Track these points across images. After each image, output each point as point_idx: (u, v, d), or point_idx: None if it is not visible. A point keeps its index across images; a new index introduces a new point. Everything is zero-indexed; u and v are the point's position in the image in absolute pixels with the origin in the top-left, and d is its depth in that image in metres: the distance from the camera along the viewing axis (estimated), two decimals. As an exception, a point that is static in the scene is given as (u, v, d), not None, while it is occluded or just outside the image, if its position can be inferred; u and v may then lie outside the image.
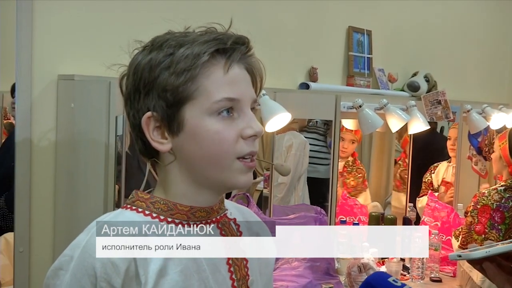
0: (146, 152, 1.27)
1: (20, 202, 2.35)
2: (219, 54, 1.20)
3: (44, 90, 2.38)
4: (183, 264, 1.20)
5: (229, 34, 1.22)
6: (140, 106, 1.21)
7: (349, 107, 3.33)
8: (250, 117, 1.23)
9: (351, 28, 3.74)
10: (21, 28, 2.30)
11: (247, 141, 1.22)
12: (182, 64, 1.17)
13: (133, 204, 1.26)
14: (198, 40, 1.18)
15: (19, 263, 2.37)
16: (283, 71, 3.34)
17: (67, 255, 1.20)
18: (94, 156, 2.31)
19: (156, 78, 1.18)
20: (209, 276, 1.23)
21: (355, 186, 4.02)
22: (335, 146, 3.34)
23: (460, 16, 4.79)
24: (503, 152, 3.37)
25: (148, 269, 1.17)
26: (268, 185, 3.12)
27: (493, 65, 5.15)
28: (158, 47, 1.20)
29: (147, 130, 1.21)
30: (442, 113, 3.79)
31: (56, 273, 1.21)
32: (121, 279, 1.15)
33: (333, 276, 3.20)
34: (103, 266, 1.14)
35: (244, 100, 1.22)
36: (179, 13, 2.69)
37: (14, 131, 2.36)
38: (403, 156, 4.12)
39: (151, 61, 1.19)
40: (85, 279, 1.15)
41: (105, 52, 2.51)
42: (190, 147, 1.21)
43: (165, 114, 1.19)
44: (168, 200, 1.25)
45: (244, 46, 1.23)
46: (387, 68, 3.99)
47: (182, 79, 1.17)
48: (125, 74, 1.25)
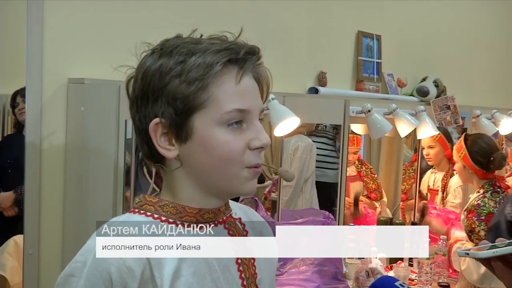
0: (152, 157, 1.26)
1: (29, 205, 2.36)
2: (231, 63, 1.19)
3: (54, 94, 2.39)
4: (195, 266, 1.20)
5: (241, 43, 1.22)
6: (148, 111, 1.20)
7: (358, 111, 3.33)
8: (258, 128, 1.23)
9: (360, 33, 3.74)
10: (32, 31, 2.31)
11: (254, 152, 1.22)
12: (194, 73, 1.16)
13: (141, 208, 1.26)
14: (210, 49, 1.18)
15: (28, 265, 2.37)
16: (292, 76, 3.35)
17: (79, 261, 1.19)
18: (103, 159, 2.32)
19: (166, 85, 1.17)
20: (220, 276, 1.24)
21: (376, 189, 4.03)
22: (343, 151, 3.34)
23: (470, 21, 4.78)
24: (466, 162, 3.46)
25: (163, 272, 1.17)
26: (277, 189, 3.12)
27: (502, 71, 5.14)
28: (169, 53, 1.19)
29: (154, 136, 1.21)
30: (451, 118, 3.78)
31: (67, 280, 1.19)
32: (137, 283, 1.14)
33: (341, 280, 3.20)
34: (118, 270, 1.14)
35: (253, 111, 1.22)
36: (188, 16, 2.71)
37: (17, 131, 2.38)
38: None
39: (161, 67, 1.18)
40: (100, 284, 1.14)
41: (115, 56, 2.50)
42: (198, 155, 1.21)
43: (173, 122, 1.19)
44: (176, 203, 1.25)
45: (255, 56, 1.23)
46: (396, 73, 3.98)
47: (193, 88, 1.16)
48: (133, 77, 1.24)
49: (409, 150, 4.35)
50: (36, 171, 2.36)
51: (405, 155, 4.24)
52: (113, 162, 2.27)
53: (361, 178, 4.00)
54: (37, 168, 2.37)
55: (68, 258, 1.23)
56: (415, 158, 4.23)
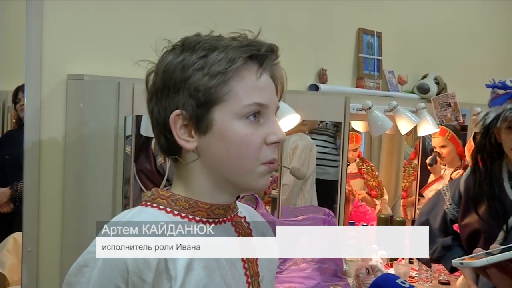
0: (168, 149, 1.28)
1: (28, 202, 2.36)
2: (251, 60, 1.23)
3: (53, 90, 2.39)
4: (205, 260, 1.22)
5: (261, 41, 1.25)
6: (168, 103, 1.23)
7: (359, 109, 3.32)
8: (275, 123, 1.27)
9: (361, 30, 3.73)
10: (31, 27, 2.31)
11: (270, 147, 1.25)
12: (217, 66, 1.20)
13: (154, 201, 1.28)
14: (231, 45, 1.21)
15: (27, 262, 2.37)
16: (293, 73, 3.30)
17: (93, 252, 1.20)
18: (102, 156, 2.31)
19: (188, 78, 1.20)
20: (228, 272, 1.26)
21: (377, 186, 4.03)
22: (344, 148, 3.33)
23: (470, 18, 4.77)
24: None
25: (177, 265, 1.19)
26: (277, 186, 3.12)
27: (503, 68, 5.13)
28: (191, 48, 1.22)
29: (175, 127, 1.23)
30: (452, 115, 3.78)
31: (80, 270, 1.21)
32: (152, 274, 1.16)
33: (341, 278, 3.19)
34: (134, 261, 1.16)
35: (270, 106, 1.26)
36: (187, 13, 2.71)
37: (18, 127, 2.38)
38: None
39: (184, 61, 1.21)
40: (115, 274, 1.16)
41: (115, 52, 2.52)
42: (216, 147, 1.23)
43: (194, 113, 1.21)
44: (189, 197, 1.27)
45: (274, 54, 1.27)
46: (397, 70, 3.98)
47: (215, 81, 1.20)
48: (153, 71, 1.27)
49: (409, 147, 4.35)
50: (35, 167, 2.36)
51: (405, 152, 4.24)
52: (112, 158, 2.27)
53: (361, 176, 4.01)
54: (36, 164, 2.36)
55: (67, 255, 1.23)
56: (413, 156, 4.23)
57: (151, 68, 1.27)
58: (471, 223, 2.50)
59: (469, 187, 2.53)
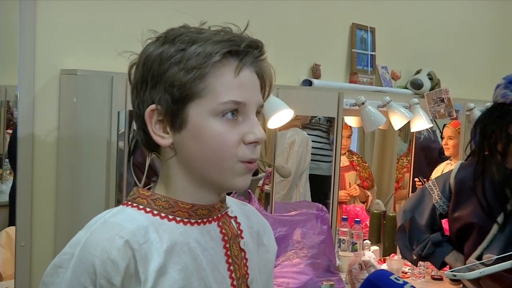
0: (148, 144, 1.26)
1: (21, 197, 2.36)
2: (231, 55, 1.19)
3: (46, 85, 2.39)
4: (182, 263, 1.19)
5: (243, 36, 1.21)
6: (146, 97, 1.20)
7: (352, 104, 3.32)
8: (253, 122, 1.22)
9: (354, 25, 3.73)
10: (24, 22, 2.30)
11: (249, 146, 1.21)
12: (193, 61, 1.16)
13: (134, 201, 1.25)
14: (211, 39, 1.18)
15: (21, 257, 2.37)
16: (286, 68, 3.34)
17: (68, 253, 1.19)
18: (96, 151, 2.31)
19: (165, 71, 1.17)
20: (209, 275, 1.22)
21: (368, 177, 4.05)
22: (337, 143, 3.34)
23: (464, 14, 4.78)
24: None
25: (148, 267, 1.16)
26: (270, 182, 3.12)
27: (496, 63, 5.14)
28: (171, 40, 1.19)
29: (150, 122, 1.20)
30: (445, 111, 3.78)
31: (56, 271, 1.20)
32: (120, 277, 1.14)
33: (334, 273, 3.20)
34: (102, 263, 1.13)
35: (250, 105, 1.21)
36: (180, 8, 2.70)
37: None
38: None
39: (162, 54, 1.18)
40: (85, 276, 1.15)
41: (108, 47, 2.51)
42: (191, 145, 1.20)
43: (169, 109, 1.18)
44: (169, 197, 1.25)
45: (258, 50, 1.22)
46: (390, 66, 3.98)
47: (191, 76, 1.16)
48: (135, 63, 1.24)
49: (402, 142, 4.35)
50: (28, 162, 2.36)
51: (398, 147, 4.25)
52: (105, 153, 2.26)
53: (354, 168, 4.02)
54: (29, 160, 2.36)
55: (60, 249, 1.23)
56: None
57: (134, 60, 1.25)
58: (462, 217, 2.48)
59: (462, 180, 2.52)
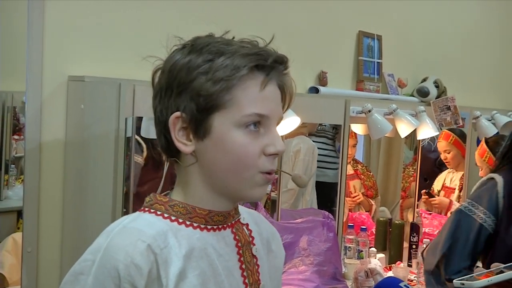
0: (168, 150, 1.28)
1: (28, 202, 2.36)
2: (258, 70, 1.22)
3: (54, 91, 2.39)
4: (200, 268, 1.21)
5: (270, 51, 1.24)
6: (170, 104, 1.22)
7: (358, 111, 3.32)
8: (275, 135, 1.26)
9: (361, 33, 3.74)
10: (32, 29, 2.30)
11: (268, 158, 1.24)
12: (221, 72, 1.18)
13: (151, 207, 1.27)
14: (239, 52, 1.20)
15: (27, 263, 2.37)
16: (293, 75, 3.30)
17: (89, 260, 1.20)
18: (103, 157, 2.31)
19: (192, 80, 1.19)
20: (224, 280, 1.25)
21: (373, 186, 4.04)
22: (343, 151, 3.33)
23: (470, 22, 4.78)
24: (492, 165, 3.28)
25: (169, 272, 1.18)
26: (276, 189, 3.12)
27: (503, 71, 5.14)
28: (199, 50, 1.21)
29: (173, 129, 1.22)
30: (451, 119, 3.78)
31: (76, 278, 1.21)
32: (144, 281, 1.15)
33: (340, 280, 3.19)
34: (126, 268, 1.14)
35: (272, 118, 1.25)
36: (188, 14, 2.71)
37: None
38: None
39: (189, 62, 1.20)
40: (108, 281, 1.15)
41: (116, 54, 2.52)
42: (214, 154, 1.22)
43: (194, 117, 1.21)
44: (186, 203, 1.26)
45: (283, 65, 1.27)
46: (396, 73, 3.98)
47: (218, 88, 1.18)
48: (160, 68, 1.26)
49: (408, 150, 4.35)
50: (36, 168, 2.36)
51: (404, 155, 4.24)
52: (113, 160, 2.27)
53: (358, 176, 4.02)
54: (37, 166, 2.36)
55: (67, 256, 1.23)
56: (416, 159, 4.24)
57: (159, 65, 1.27)
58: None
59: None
